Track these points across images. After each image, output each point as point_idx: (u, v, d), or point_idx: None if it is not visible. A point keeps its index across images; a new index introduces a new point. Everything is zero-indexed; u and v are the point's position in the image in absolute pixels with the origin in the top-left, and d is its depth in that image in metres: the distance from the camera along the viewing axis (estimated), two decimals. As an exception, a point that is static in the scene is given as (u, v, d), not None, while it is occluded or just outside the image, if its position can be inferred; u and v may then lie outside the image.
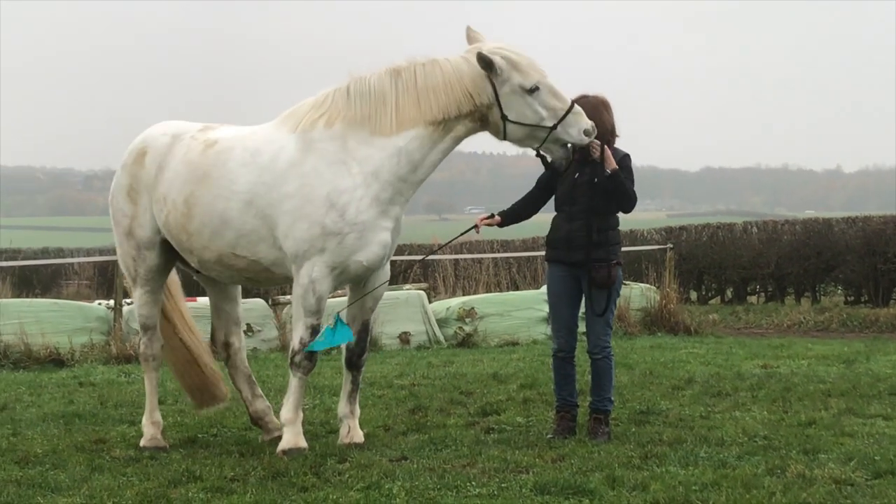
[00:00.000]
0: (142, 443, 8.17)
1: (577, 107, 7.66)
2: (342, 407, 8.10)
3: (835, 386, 10.56)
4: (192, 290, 10.42)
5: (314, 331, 7.72)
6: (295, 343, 7.75)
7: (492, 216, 8.43)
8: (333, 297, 9.39)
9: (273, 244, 7.78)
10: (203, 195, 7.88)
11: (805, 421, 8.64)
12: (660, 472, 6.86)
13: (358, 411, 8.16)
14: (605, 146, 7.99)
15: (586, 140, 7.66)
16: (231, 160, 7.88)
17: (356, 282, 8.02)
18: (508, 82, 7.55)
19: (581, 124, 7.63)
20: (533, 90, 7.54)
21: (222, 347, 8.65)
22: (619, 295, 8.42)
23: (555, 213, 8.41)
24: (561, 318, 8.35)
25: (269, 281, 8.47)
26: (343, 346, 8.13)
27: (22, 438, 8.53)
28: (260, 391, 8.66)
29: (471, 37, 7.85)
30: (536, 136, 7.67)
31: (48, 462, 7.60)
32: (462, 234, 8.72)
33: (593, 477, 6.72)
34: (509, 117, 7.61)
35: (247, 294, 16.86)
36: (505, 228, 8.65)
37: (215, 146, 8.01)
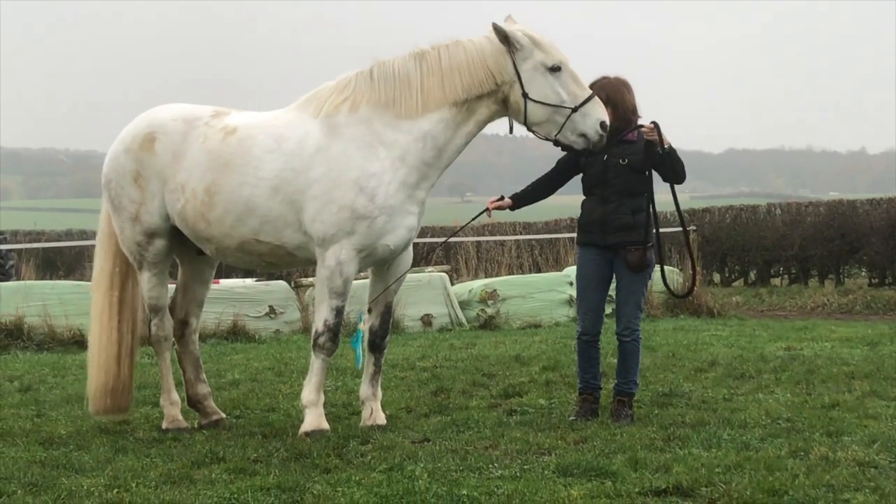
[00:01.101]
0: (164, 425, 8.21)
1: (596, 98, 7.61)
2: (364, 389, 8.11)
3: (858, 368, 10.51)
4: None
5: (339, 312, 7.74)
6: (318, 325, 7.76)
7: (502, 199, 8.40)
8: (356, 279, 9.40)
9: (298, 229, 7.78)
10: (226, 183, 7.84)
11: (828, 403, 8.60)
12: (682, 454, 6.85)
13: (380, 393, 8.17)
14: (657, 123, 7.92)
15: (601, 133, 7.56)
16: (255, 147, 7.84)
17: (380, 265, 8.03)
18: (531, 59, 7.54)
19: (599, 115, 7.56)
20: (555, 69, 7.53)
21: (178, 324, 8.58)
22: (650, 278, 8.39)
23: (584, 197, 8.34)
24: (589, 301, 8.31)
25: (289, 265, 8.51)
26: (366, 329, 8.15)
27: (46, 420, 8.59)
28: (204, 376, 8.61)
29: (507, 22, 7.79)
30: (555, 119, 7.61)
31: (72, 443, 7.65)
32: (473, 219, 8.69)
33: (616, 459, 6.71)
34: (530, 95, 7.58)
35: (269, 276, 16.89)
36: (527, 211, 8.59)
37: (236, 133, 7.95)
